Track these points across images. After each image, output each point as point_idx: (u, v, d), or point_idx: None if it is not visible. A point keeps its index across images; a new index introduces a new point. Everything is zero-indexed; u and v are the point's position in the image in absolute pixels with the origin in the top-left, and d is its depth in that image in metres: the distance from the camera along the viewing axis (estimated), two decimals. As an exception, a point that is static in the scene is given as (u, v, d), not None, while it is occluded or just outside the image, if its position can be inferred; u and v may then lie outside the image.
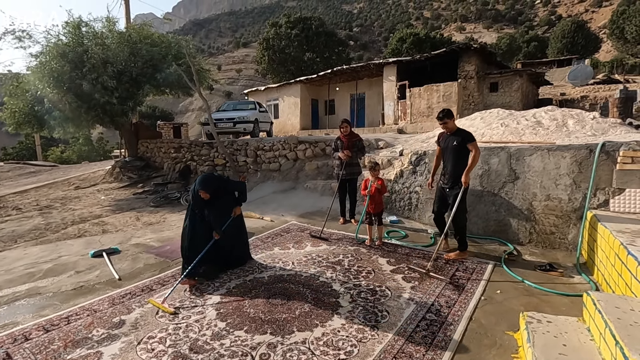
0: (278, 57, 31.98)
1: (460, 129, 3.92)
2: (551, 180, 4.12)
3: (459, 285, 3.26)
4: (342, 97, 19.22)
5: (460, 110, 13.22)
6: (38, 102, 8.53)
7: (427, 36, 32.52)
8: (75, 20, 9.17)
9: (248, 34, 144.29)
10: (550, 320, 2.30)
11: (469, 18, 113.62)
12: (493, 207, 4.58)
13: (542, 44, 52.09)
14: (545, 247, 4.17)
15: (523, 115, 6.32)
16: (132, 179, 10.71)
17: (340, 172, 5.30)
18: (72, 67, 8.48)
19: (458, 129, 3.90)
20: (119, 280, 3.64)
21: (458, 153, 3.79)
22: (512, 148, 4.46)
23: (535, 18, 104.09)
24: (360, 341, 2.43)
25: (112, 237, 5.42)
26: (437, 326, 2.60)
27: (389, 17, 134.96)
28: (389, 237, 4.72)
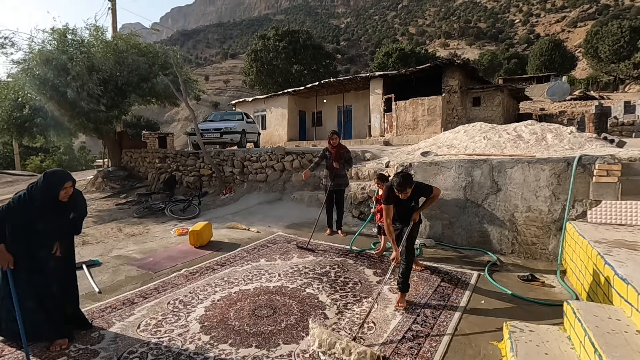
0: (266, 69, 32.22)
1: (417, 188, 3.23)
2: (531, 192, 4.24)
3: (444, 295, 3.29)
4: (330, 109, 19.42)
5: (444, 124, 13.53)
6: (18, 109, 8.30)
7: (412, 51, 33.42)
8: (62, 28, 9.06)
9: (236, 45, 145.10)
10: (532, 329, 2.34)
11: (453, 35, 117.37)
12: (476, 218, 4.67)
13: (522, 61, 54.20)
14: (527, 257, 4.26)
15: (504, 129, 6.52)
16: (115, 189, 10.48)
17: (328, 184, 5.33)
18: (55, 74, 8.33)
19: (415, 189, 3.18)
20: (99, 294, 3.53)
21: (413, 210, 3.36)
22: (494, 160, 4.58)
23: (515, 36, 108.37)
24: (346, 353, 2.41)
25: (92, 248, 5.27)
26: (423, 337, 2.61)
27: (375, 32, 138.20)
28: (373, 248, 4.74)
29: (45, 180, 2.57)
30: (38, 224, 2.55)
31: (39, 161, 24.99)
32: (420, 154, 6.49)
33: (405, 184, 3.03)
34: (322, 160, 5.50)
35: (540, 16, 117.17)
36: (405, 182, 3.03)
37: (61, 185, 2.58)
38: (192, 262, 4.41)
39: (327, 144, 5.52)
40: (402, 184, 3.02)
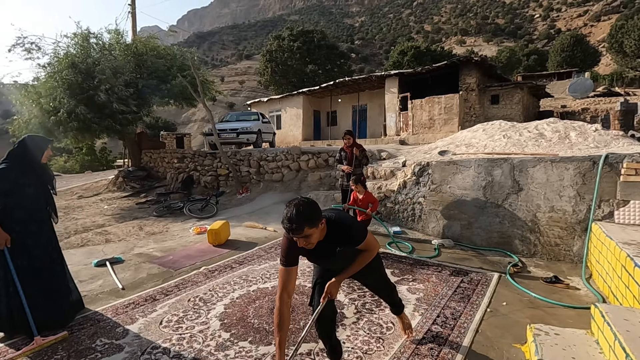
0: (280, 69, 32.41)
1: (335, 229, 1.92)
2: (555, 192, 4.13)
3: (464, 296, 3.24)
4: (344, 109, 19.37)
5: (461, 122, 13.31)
6: (53, 113, 8.62)
7: (427, 49, 33.00)
8: (84, 32, 9.35)
9: (251, 46, 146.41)
10: (557, 332, 2.28)
11: (469, 32, 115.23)
12: (496, 219, 4.57)
13: (542, 57, 52.76)
14: (550, 259, 4.15)
15: (525, 127, 6.36)
16: (135, 188, 10.74)
17: (345, 183, 5.32)
18: (83, 77, 8.62)
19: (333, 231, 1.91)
20: (122, 290, 3.62)
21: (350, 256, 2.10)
22: (515, 159, 4.48)
23: (534, 32, 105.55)
24: (366, 353, 2.41)
25: (115, 246, 5.42)
26: (444, 338, 2.57)
27: (390, 30, 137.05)
28: (389, 248, 4.71)
29: (32, 142, 2.77)
30: (29, 187, 2.69)
31: (63, 162, 25.87)
32: (437, 153, 6.41)
33: (301, 221, 1.66)
34: (340, 163, 5.53)
35: (561, 10, 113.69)
36: (301, 218, 1.66)
37: (47, 145, 2.84)
38: (210, 260, 4.48)
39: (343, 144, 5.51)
40: (294, 220, 1.67)
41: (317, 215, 1.75)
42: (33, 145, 2.77)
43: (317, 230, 1.76)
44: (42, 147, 2.82)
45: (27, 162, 2.71)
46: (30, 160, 2.74)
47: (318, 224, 1.75)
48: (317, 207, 1.77)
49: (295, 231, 1.69)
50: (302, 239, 1.75)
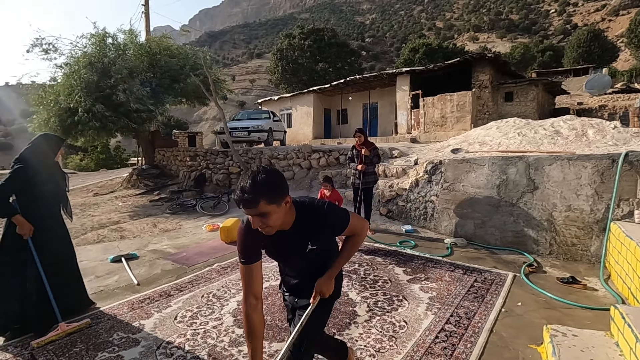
0: (291, 68, 32.47)
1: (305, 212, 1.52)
2: (572, 191, 4.04)
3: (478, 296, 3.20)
4: (355, 107, 19.31)
5: (474, 120, 13.12)
6: (67, 112, 8.81)
7: (439, 46, 32.61)
8: (101, 33, 9.52)
9: (261, 45, 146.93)
10: (575, 334, 2.23)
11: (482, 28, 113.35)
12: (511, 218, 4.50)
13: (557, 54, 51.55)
14: (567, 259, 4.07)
15: (541, 125, 6.24)
16: (149, 186, 10.92)
17: (357, 182, 5.30)
18: (99, 76, 8.80)
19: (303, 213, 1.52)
20: (137, 286, 3.69)
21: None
22: (530, 157, 4.40)
23: (549, 27, 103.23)
24: (378, 351, 2.40)
25: (129, 243, 5.52)
26: (457, 338, 2.55)
27: (401, 27, 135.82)
28: (401, 246, 4.68)
29: (46, 141, 2.89)
30: (44, 185, 2.77)
31: (79, 160, 26.45)
32: (450, 151, 6.34)
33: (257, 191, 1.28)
34: (352, 161, 5.46)
35: (578, 5, 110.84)
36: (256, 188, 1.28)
37: (61, 144, 2.97)
38: (223, 257, 4.53)
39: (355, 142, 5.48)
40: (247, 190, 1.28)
41: (280, 190, 1.33)
42: (48, 144, 2.87)
43: (279, 210, 1.33)
44: (56, 146, 2.93)
45: (41, 161, 2.79)
46: (45, 158, 2.83)
47: (280, 200, 1.32)
48: (281, 179, 1.36)
49: (247, 204, 1.27)
50: (257, 219, 1.31)
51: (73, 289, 3.00)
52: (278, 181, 1.35)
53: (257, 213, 1.31)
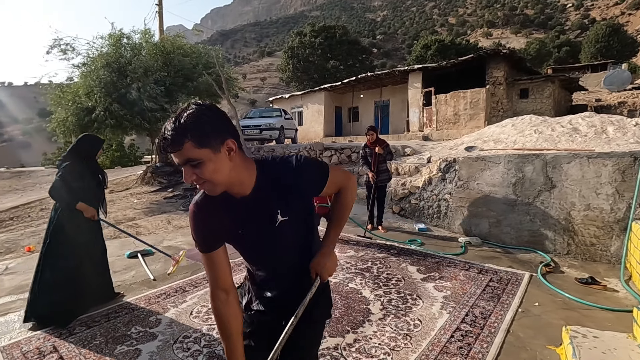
0: (302, 66, 32.46)
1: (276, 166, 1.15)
2: (591, 190, 3.95)
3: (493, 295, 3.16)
4: (366, 105, 19.21)
5: (488, 117, 12.92)
6: (88, 112, 9.02)
7: (452, 42, 32.17)
8: (117, 33, 9.69)
9: (272, 43, 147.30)
10: (596, 335, 2.18)
11: (496, 23, 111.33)
12: (527, 217, 4.42)
13: (574, 49, 50.36)
14: (585, 259, 3.98)
15: (558, 122, 6.10)
16: (163, 183, 11.08)
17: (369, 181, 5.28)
18: (116, 76, 8.98)
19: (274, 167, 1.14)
20: (153, 281, 3.76)
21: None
22: (548, 155, 4.31)
23: (566, 22, 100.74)
24: (393, 349, 2.40)
25: (144, 239, 5.58)
26: (473, 337, 2.52)
27: (413, 24, 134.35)
28: (409, 244, 4.66)
29: (90, 140, 3.15)
30: (90, 181, 3.03)
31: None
32: (464, 149, 6.26)
33: (183, 128, 0.92)
34: (368, 158, 5.36)
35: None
36: (183, 124, 0.93)
37: (101, 144, 3.23)
38: (235, 253, 4.56)
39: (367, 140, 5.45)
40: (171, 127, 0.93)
41: (215, 128, 0.97)
42: (91, 143, 3.13)
43: (217, 159, 0.96)
44: (98, 145, 3.19)
45: (85, 159, 3.05)
46: (89, 156, 3.10)
47: (215, 143, 0.95)
48: (217, 115, 0.99)
49: (169, 146, 0.93)
50: (188, 170, 0.96)
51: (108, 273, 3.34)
52: (213, 117, 0.97)
53: (184, 159, 0.94)
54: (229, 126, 1.01)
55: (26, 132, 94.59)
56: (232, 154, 1.00)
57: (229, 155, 0.99)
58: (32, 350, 2.48)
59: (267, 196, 1.10)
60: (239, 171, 1.04)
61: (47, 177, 16.19)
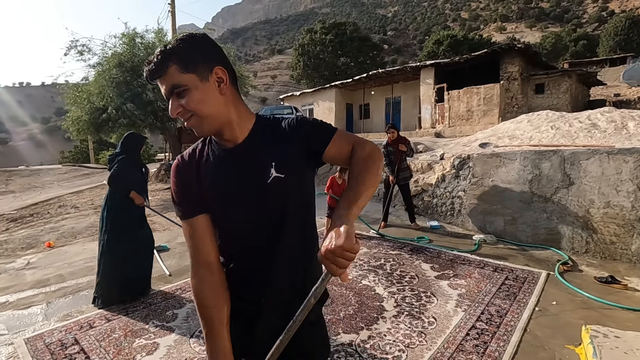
0: (312, 63, 32.41)
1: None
2: (611, 187, 3.84)
3: (510, 294, 3.11)
4: (377, 101, 19.09)
5: (502, 114, 12.69)
6: (98, 110, 9.20)
7: (465, 37, 31.68)
8: (130, 33, 9.84)
9: (283, 41, 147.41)
10: (618, 335, 2.14)
11: (510, 17, 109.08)
12: (544, 214, 4.34)
13: (592, 43, 49.04)
14: (605, 258, 3.88)
15: (576, 118, 5.96)
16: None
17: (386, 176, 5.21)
18: (130, 76, 9.12)
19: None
20: (169, 276, 3.82)
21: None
22: (566, 151, 4.21)
23: (583, 15, 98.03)
24: (408, 346, 2.39)
25: (160, 235, 5.72)
26: (489, 335, 2.49)
27: (424, 19, 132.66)
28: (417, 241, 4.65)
29: (135, 137, 3.45)
30: (138, 174, 3.36)
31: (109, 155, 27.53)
32: (478, 146, 6.17)
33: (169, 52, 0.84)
34: (390, 157, 5.23)
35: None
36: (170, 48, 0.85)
37: (144, 141, 3.50)
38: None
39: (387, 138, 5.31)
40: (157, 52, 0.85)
41: (203, 52, 0.87)
42: (136, 140, 3.43)
43: (204, 88, 0.86)
44: (142, 141, 3.48)
45: (134, 154, 3.38)
46: (135, 151, 3.41)
47: (203, 69, 0.85)
48: (210, 43, 0.90)
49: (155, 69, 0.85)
50: (174, 101, 0.86)
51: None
52: (202, 43, 0.88)
53: (169, 87, 0.84)
54: (221, 55, 0.90)
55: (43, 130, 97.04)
56: (222, 85, 0.88)
57: (219, 87, 0.87)
58: (54, 342, 2.55)
59: (262, 146, 0.92)
60: (230, 110, 0.90)
61: (64, 174, 16.60)
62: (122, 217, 3.21)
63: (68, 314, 3.04)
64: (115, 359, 2.34)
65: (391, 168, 5.18)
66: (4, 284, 3.81)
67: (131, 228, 3.24)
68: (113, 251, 3.15)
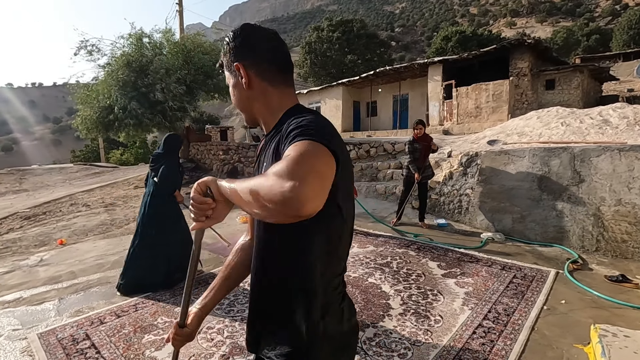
0: (319, 61, 32.33)
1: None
2: (623, 184, 3.78)
3: (518, 293, 3.09)
4: (385, 99, 18.98)
5: (511, 110, 12.52)
6: (106, 109, 9.32)
7: (473, 33, 31.28)
8: (138, 33, 9.94)
9: (290, 39, 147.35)
10: (627, 334, 2.11)
11: (520, 12, 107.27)
12: (553, 212, 4.28)
13: (605, 37, 48.01)
14: (616, 256, 3.82)
15: (587, 114, 5.86)
16: (185, 179, 11.35)
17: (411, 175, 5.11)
18: (136, 76, 9.21)
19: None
20: (177, 274, 3.86)
21: None
22: (576, 149, 4.15)
23: (596, 9, 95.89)
24: (413, 344, 2.39)
25: (168, 233, 5.78)
26: (496, 334, 2.48)
27: (433, 15, 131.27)
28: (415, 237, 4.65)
29: (177, 137, 3.82)
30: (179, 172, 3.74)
31: (120, 154, 27.93)
32: (486, 143, 6.10)
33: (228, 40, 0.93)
34: (415, 154, 5.06)
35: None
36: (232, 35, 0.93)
37: (182, 141, 3.89)
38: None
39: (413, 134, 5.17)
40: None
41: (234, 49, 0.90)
42: (178, 141, 3.80)
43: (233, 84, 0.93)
44: (180, 142, 3.85)
45: (175, 154, 3.75)
46: (177, 152, 3.77)
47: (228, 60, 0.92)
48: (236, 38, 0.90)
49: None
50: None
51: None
52: (232, 39, 0.90)
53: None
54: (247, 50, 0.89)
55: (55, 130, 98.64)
56: (242, 80, 0.88)
57: (240, 81, 0.89)
58: (66, 337, 2.61)
59: (268, 142, 0.91)
60: (257, 104, 0.91)
61: (75, 173, 16.89)
62: (162, 211, 3.51)
63: (79, 309, 3.10)
64: (125, 354, 2.38)
65: (416, 166, 5.01)
66: (18, 281, 3.91)
67: (169, 222, 3.53)
68: (150, 242, 3.41)
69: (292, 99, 0.93)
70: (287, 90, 0.93)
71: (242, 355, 2.33)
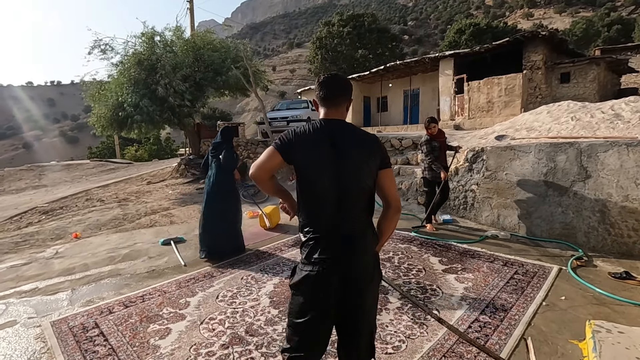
0: (330, 56, 32.22)
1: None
2: (630, 180, 3.71)
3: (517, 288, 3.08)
4: (395, 94, 18.84)
5: (524, 104, 12.27)
6: (118, 107, 9.53)
7: (488, 26, 30.60)
8: (150, 31, 10.12)
9: (301, 34, 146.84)
10: (622, 330, 2.10)
11: (538, 3, 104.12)
12: (559, 208, 4.23)
13: (627, 27, 46.19)
14: (622, 254, 3.76)
15: (598, 108, 5.72)
16: (195, 175, 11.56)
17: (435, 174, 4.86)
18: (147, 74, 9.39)
19: None
20: (184, 267, 4.00)
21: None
22: (583, 144, 4.08)
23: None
24: (408, 337, 2.43)
25: (178, 227, 5.94)
26: (491, 329, 2.50)
27: (447, 8, 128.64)
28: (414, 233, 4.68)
29: (231, 128, 4.79)
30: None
31: (134, 151, 28.52)
32: (494, 138, 6.03)
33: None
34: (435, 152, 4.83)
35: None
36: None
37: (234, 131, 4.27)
38: (262, 242, 4.74)
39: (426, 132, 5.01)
40: None
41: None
42: (232, 132, 4.58)
43: None
44: (233, 132, 4.57)
45: (231, 142, 4.49)
46: (232, 140, 4.53)
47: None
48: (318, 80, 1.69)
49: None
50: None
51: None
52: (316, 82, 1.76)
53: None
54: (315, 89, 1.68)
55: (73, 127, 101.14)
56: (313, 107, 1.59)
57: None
58: (77, 326, 2.75)
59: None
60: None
61: (91, 169, 17.36)
62: (223, 185, 4.30)
63: (90, 300, 3.25)
64: (131, 342, 2.50)
65: (439, 165, 4.77)
66: (35, 272, 4.10)
67: (228, 194, 4.33)
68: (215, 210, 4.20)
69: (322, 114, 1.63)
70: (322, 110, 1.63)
71: (241, 344, 2.42)
